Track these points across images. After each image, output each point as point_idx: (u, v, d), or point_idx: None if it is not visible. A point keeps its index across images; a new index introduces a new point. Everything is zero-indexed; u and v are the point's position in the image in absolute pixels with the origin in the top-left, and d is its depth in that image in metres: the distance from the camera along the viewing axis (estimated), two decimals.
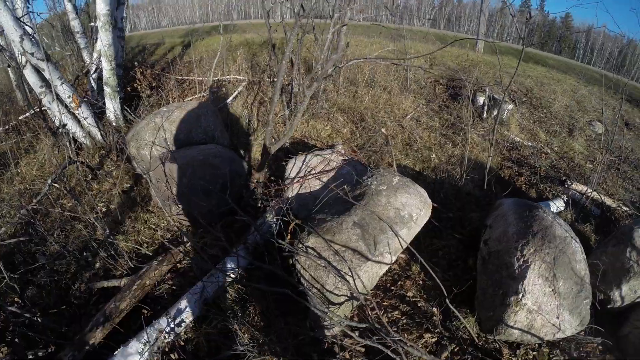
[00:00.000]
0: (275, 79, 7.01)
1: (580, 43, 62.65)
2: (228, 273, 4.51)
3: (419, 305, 4.46)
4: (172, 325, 3.96)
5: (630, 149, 11.02)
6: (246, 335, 3.90)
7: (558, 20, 65.33)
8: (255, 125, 7.64)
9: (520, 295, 3.83)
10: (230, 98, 8.54)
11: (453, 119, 9.16)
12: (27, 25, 6.19)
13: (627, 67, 53.56)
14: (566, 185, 7.16)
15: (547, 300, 3.85)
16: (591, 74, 22.01)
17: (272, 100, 5.38)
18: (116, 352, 3.66)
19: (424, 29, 43.89)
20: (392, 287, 4.66)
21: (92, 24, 8.81)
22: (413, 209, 4.39)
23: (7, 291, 4.24)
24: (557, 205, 6.52)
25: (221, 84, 9.32)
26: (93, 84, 8.27)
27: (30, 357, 3.73)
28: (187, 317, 4.11)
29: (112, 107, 7.57)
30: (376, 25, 13.21)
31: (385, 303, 4.47)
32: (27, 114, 7.84)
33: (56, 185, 5.80)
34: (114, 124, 7.54)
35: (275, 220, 4.99)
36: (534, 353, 4.16)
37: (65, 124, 6.60)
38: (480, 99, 9.61)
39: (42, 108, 6.88)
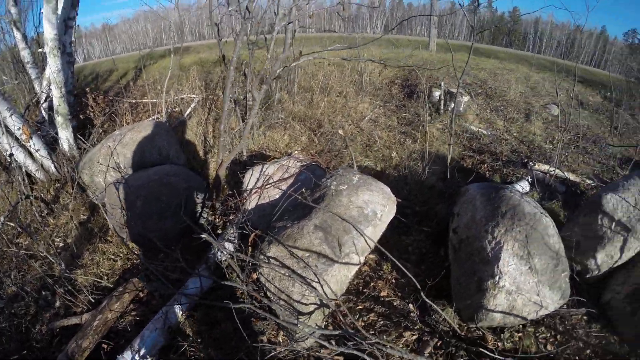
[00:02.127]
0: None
1: (530, 34, 64.33)
2: (191, 296, 4.29)
3: (394, 304, 4.30)
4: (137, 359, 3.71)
5: (587, 126, 11.23)
6: None
7: (507, 15, 67.11)
8: (212, 142, 7.45)
9: (497, 278, 3.70)
10: (184, 115, 8.34)
11: (411, 116, 9.11)
12: None
13: (577, 52, 55.27)
14: (529, 167, 7.16)
15: (525, 279, 3.74)
16: (542, 62, 22.53)
17: (223, 110, 5.22)
18: None
19: (376, 35, 44.47)
20: (365, 290, 4.49)
21: (41, 49, 8.49)
22: (377, 205, 4.24)
23: None
24: (522, 186, 6.48)
25: (175, 104, 9.11)
26: (44, 113, 7.93)
27: None
28: (153, 348, 3.85)
29: (64, 136, 7.20)
30: (329, 35, 13.24)
31: (360, 307, 4.31)
32: None
33: (10, 223, 5.56)
34: (68, 153, 7.20)
35: (235, 234, 4.82)
36: (519, 334, 4.09)
37: (12, 154, 6.26)
38: (436, 94, 9.60)
39: None
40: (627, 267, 4.54)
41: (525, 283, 3.75)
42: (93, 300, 4.51)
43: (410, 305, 4.22)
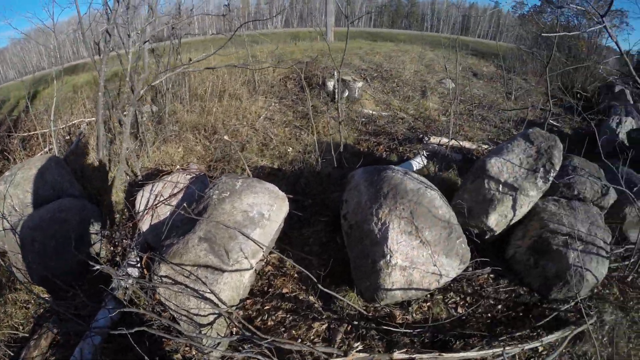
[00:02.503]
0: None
1: (427, 15, 66.31)
2: (102, 328, 4.19)
3: (300, 298, 4.32)
4: None
5: (482, 95, 11.75)
6: None
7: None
8: (108, 167, 7.19)
9: (388, 257, 3.79)
10: (74, 144, 8.00)
11: (306, 109, 9.15)
12: None
13: (472, 28, 57.57)
14: (425, 141, 7.39)
15: (417, 253, 3.86)
16: (440, 40, 23.26)
17: (97, 137, 5.03)
18: None
19: (277, 30, 44.43)
20: (270, 289, 4.49)
21: None
22: (263, 206, 4.24)
23: None
24: (418, 161, 6.65)
25: (68, 131, 8.71)
26: None
27: None
28: None
29: None
30: (224, 37, 12.99)
31: (267, 306, 4.29)
32: None
33: None
34: None
35: (137, 258, 4.71)
36: (428, 304, 4.22)
37: None
38: (330, 84, 9.71)
39: None
40: (524, 222, 4.80)
41: (418, 257, 3.86)
42: (13, 354, 4.31)
43: (311, 297, 4.26)
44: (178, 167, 5.65)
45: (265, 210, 4.22)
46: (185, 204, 4.38)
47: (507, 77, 13.40)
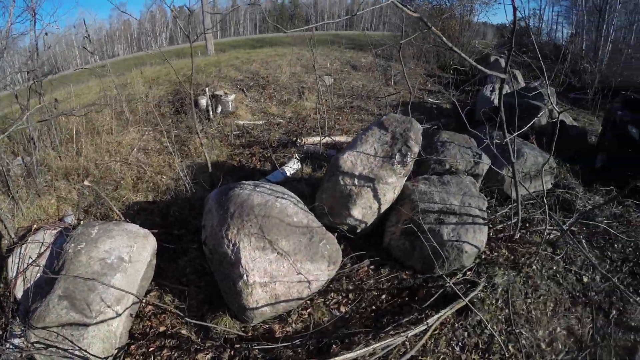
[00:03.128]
0: None
1: (311, 15, 66.90)
2: None
3: (181, 332, 4.28)
4: None
5: (361, 85, 12.10)
6: None
7: (287, 2, 68.89)
8: None
9: (245, 277, 3.86)
10: None
11: (182, 132, 9.01)
12: None
13: (356, 22, 58.77)
14: (298, 144, 7.51)
15: (277, 266, 3.95)
16: (326, 38, 23.47)
17: None
18: None
19: (164, 49, 43.27)
20: (151, 330, 4.45)
21: None
22: (122, 250, 4.20)
23: None
24: (292, 166, 6.78)
25: None
26: None
27: None
28: None
29: None
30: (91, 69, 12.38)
31: (152, 347, 4.22)
32: None
33: None
34: None
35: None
36: (308, 310, 4.30)
37: None
38: (203, 102, 9.60)
39: None
40: (396, 208, 4.95)
41: (279, 270, 3.96)
42: None
43: (191, 330, 4.27)
44: (53, 220, 5.42)
45: (124, 253, 4.18)
46: (45, 263, 4.27)
47: (385, 65, 13.89)
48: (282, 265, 3.97)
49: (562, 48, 20.32)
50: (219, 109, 9.55)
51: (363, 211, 4.79)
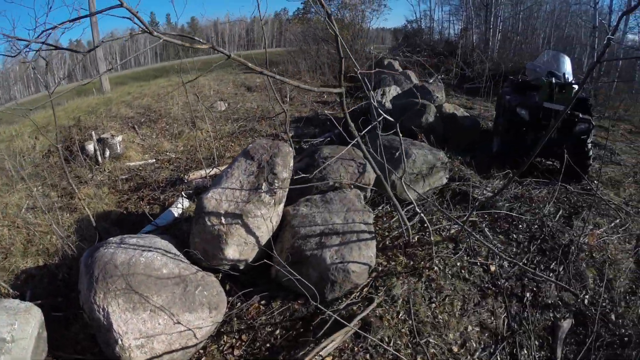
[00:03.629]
0: None
1: (212, 37, 66.22)
2: None
3: None
4: None
5: (256, 106, 11.98)
6: None
7: (186, 27, 67.71)
8: None
9: (120, 342, 3.61)
10: None
11: (73, 182, 8.30)
12: None
13: (257, 40, 58.85)
14: (186, 180, 7.22)
15: (152, 324, 3.72)
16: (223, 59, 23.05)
17: None
18: None
19: (60, 87, 41.27)
20: None
21: None
22: (1, 330, 3.72)
23: None
24: (179, 205, 6.47)
25: None
26: None
27: None
28: None
29: None
30: None
31: None
32: None
33: None
34: None
35: None
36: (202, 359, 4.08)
37: None
38: (90, 147, 9.01)
39: None
40: (280, 235, 4.81)
41: (154, 327, 3.72)
42: None
43: None
44: None
45: (5, 333, 3.75)
46: None
47: (280, 82, 13.85)
48: (157, 322, 3.73)
49: (454, 43, 21.50)
50: (107, 152, 9.02)
51: (239, 249, 4.58)
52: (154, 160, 8.95)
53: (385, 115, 4.31)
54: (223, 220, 4.50)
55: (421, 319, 4.10)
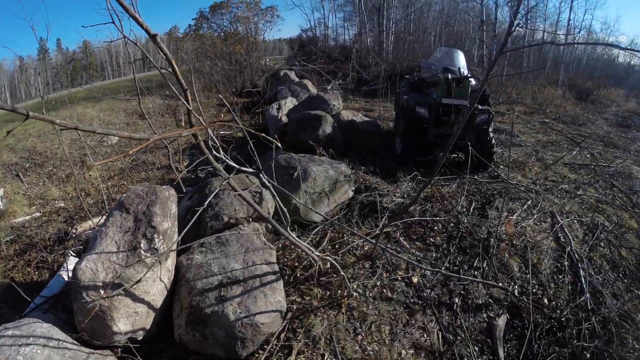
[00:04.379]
0: None
1: (106, 62, 63.37)
2: None
3: None
4: None
5: (151, 133, 11.18)
6: None
7: (78, 51, 64.14)
8: None
9: None
10: None
11: None
12: None
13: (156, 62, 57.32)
14: (74, 235, 6.24)
15: None
16: (117, 85, 21.79)
17: None
18: None
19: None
20: None
21: None
22: None
23: None
24: (68, 268, 5.17)
25: None
26: None
27: None
28: None
29: None
30: None
31: None
32: None
33: None
34: None
35: None
36: None
37: None
38: None
39: None
40: (178, 292, 4.20)
41: None
42: None
43: None
44: None
45: None
46: None
47: (174, 105, 13.21)
48: None
49: (349, 48, 21.87)
50: None
51: (130, 321, 3.83)
52: (40, 213, 7.78)
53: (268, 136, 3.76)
54: (103, 293, 3.71)
55: (349, 356, 3.68)
